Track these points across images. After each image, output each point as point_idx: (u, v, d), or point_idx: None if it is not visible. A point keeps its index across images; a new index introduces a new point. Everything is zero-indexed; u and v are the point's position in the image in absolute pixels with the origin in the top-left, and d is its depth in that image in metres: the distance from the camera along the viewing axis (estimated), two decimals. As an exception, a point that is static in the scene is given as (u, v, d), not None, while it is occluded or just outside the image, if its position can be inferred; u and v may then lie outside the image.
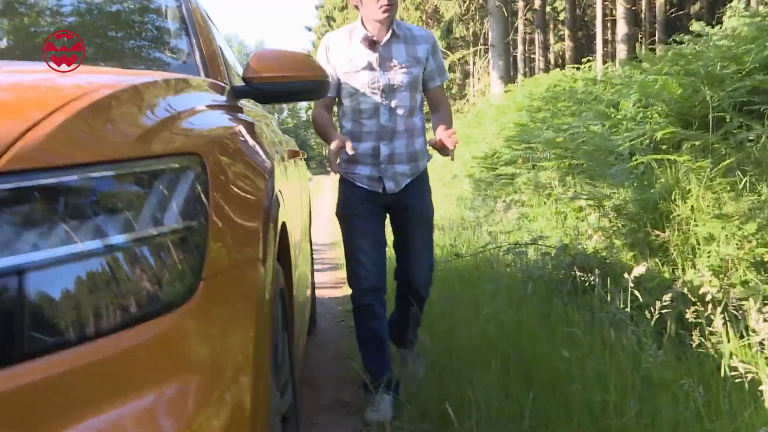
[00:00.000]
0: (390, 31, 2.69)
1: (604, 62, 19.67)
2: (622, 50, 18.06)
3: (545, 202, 5.70)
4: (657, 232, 3.99)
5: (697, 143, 4.21)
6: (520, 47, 24.64)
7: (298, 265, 2.38)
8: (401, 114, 2.74)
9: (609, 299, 3.20)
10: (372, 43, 2.69)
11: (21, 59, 2.02)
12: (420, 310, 3.00)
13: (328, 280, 5.77)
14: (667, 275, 3.77)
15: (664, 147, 4.64)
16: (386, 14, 2.62)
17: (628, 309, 2.78)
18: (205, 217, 1.06)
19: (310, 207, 4.29)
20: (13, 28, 2.23)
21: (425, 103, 2.97)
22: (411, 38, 2.76)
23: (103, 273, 0.89)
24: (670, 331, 2.73)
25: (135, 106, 1.11)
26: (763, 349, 2.39)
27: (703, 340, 2.46)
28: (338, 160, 2.73)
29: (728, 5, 13.01)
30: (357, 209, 2.78)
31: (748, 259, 3.38)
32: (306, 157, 4.59)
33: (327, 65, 2.72)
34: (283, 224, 1.63)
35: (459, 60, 20.03)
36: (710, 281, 3.45)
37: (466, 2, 18.39)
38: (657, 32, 24.02)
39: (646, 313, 2.83)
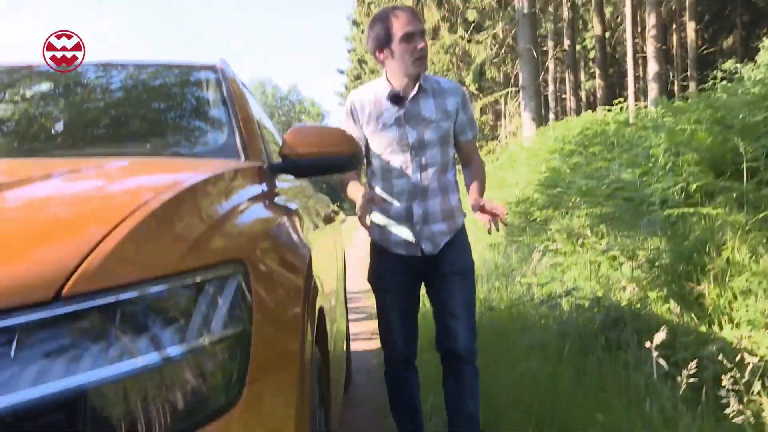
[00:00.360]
0: (417, 85, 2.57)
1: (636, 99, 19.65)
2: (653, 89, 18.03)
3: (579, 251, 5.68)
4: (692, 285, 3.97)
5: (733, 194, 4.20)
6: (551, 87, 24.74)
7: (334, 333, 2.44)
8: (433, 171, 2.60)
9: (644, 358, 3.19)
10: (399, 99, 2.58)
11: (75, 141, 2.14)
12: (472, 387, 2.65)
13: (363, 330, 5.80)
14: (703, 329, 3.74)
15: (696, 196, 4.63)
16: (419, 67, 2.53)
17: (654, 375, 2.75)
18: (249, 320, 1.12)
19: (344, 260, 4.35)
20: (65, 108, 2.35)
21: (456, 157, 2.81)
22: (440, 91, 2.63)
23: (157, 385, 0.95)
24: (707, 395, 2.70)
25: (184, 215, 1.18)
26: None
27: (742, 407, 2.43)
28: (369, 221, 2.62)
29: (762, 41, 12.93)
30: (390, 282, 2.68)
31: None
32: (339, 209, 4.67)
33: (353, 125, 2.65)
34: (321, 309, 1.68)
35: (490, 103, 20.16)
36: (749, 337, 3.42)
37: (496, 45, 18.56)
38: (689, 69, 23.95)
39: (683, 372, 2.81)
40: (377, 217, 2.63)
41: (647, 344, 2.73)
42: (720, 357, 2.69)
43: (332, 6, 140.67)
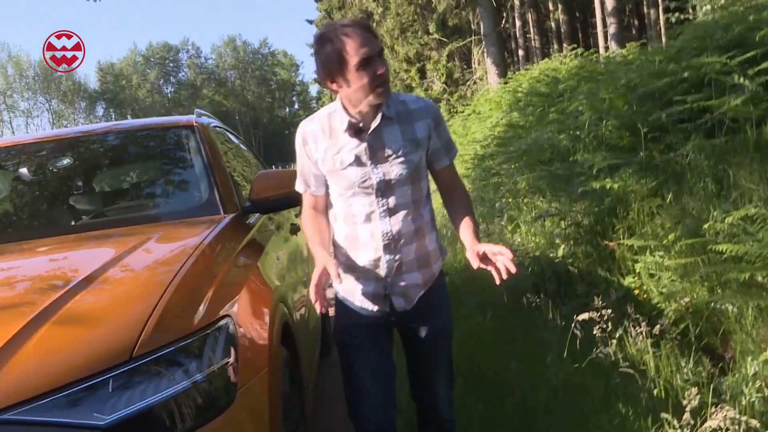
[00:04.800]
0: (380, 114, 2.17)
1: (605, 26, 20.10)
2: (612, 24, 18.59)
3: (524, 209, 6.45)
4: (605, 242, 4.77)
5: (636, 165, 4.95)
6: (518, 23, 25.13)
7: (303, 322, 3.19)
8: (405, 214, 2.23)
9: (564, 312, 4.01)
10: (358, 131, 2.18)
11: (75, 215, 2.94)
12: None
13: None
14: (617, 280, 4.54)
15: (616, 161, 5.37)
16: (382, 97, 2.12)
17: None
18: (236, 352, 1.86)
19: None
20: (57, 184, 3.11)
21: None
22: (406, 115, 2.22)
23: (191, 397, 1.69)
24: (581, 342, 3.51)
25: (194, 286, 1.92)
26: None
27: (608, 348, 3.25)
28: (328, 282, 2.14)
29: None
30: (358, 338, 2.35)
31: (673, 266, 4.09)
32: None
33: (308, 161, 2.28)
34: (285, 323, 2.42)
35: (457, 48, 20.68)
36: (643, 285, 4.23)
37: (456, -6, 19.11)
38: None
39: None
40: (340, 269, 2.26)
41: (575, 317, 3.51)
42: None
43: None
